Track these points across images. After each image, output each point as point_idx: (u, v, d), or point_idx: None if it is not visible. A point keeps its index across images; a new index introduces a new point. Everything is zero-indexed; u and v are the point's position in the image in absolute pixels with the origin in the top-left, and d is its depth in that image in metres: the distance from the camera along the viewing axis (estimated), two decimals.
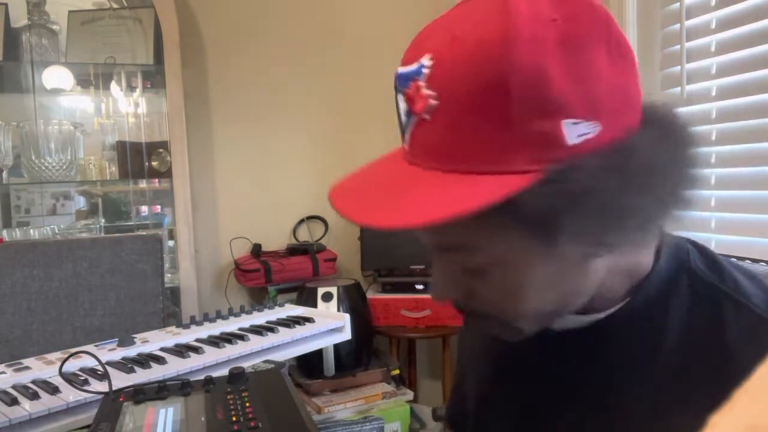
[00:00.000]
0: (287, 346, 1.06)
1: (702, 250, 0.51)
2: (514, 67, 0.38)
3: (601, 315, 0.50)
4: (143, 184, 2.18)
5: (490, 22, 0.39)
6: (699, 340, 0.45)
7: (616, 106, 0.40)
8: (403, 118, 0.44)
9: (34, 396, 0.80)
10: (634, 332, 0.49)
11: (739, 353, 0.43)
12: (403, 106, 0.43)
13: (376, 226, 0.40)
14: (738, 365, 0.41)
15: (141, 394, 0.75)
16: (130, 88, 2.13)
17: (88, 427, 0.74)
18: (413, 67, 0.42)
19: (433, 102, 0.41)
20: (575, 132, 0.39)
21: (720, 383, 0.42)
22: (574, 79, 0.38)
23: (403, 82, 0.43)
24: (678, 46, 1.36)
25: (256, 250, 2.25)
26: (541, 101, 0.38)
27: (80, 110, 2.17)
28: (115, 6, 2.05)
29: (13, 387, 0.85)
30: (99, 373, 0.89)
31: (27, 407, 0.77)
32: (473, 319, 0.51)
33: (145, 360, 0.95)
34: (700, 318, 0.46)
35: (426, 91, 0.41)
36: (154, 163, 2.09)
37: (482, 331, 0.63)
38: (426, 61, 0.41)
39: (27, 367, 0.94)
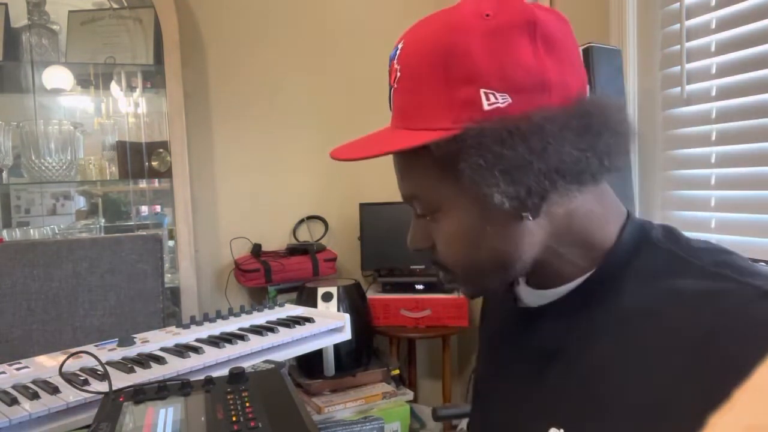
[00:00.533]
0: (287, 346, 1.06)
1: (667, 228, 0.55)
2: (450, 46, 0.50)
3: (570, 286, 0.56)
4: (143, 184, 2.18)
5: (443, 16, 0.53)
6: (653, 300, 0.49)
7: (530, 87, 0.49)
8: (389, 89, 0.57)
9: (34, 396, 0.80)
10: (598, 299, 0.54)
11: (691, 303, 0.46)
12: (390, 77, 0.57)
13: (338, 158, 0.56)
14: (691, 314, 0.45)
15: (141, 394, 0.75)
16: (130, 88, 2.13)
17: (88, 427, 0.74)
18: (393, 50, 0.56)
19: (398, 74, 0.55)
20: (489, 100, 0.49)
21: (674, 332, 0.46)
22: (493, 58, 0.49)
23: (389, 62, 0.57)
24: (678, 46, 1.36)
25: (256, 250, 2.25)
26: (465, 72, 0.50)
27: (80, 110, 2.17)
28: (115, 6, 2.05)
29: (13, 387, 0.85)
30: (99, 373, 0.89)
31: (27, 407, 0.77)
32: (439, 270, 0.60)
33: (145, 360, 0.95)
34: (655, 281, 0.51)
35: (396, 66, 0.55)
36: (154, 163, 2.09)
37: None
38: (400, 45, 0.56)
39: (27, 367, 0.94)
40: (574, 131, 0.49)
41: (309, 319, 1.16)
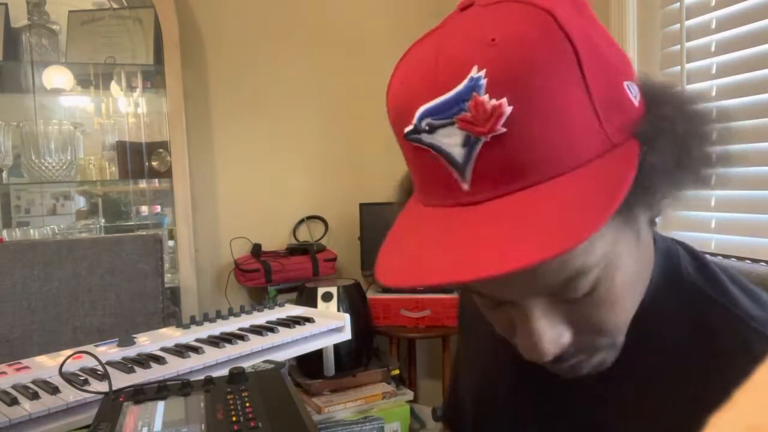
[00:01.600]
0: (287, 346, 1.06)
1: (692, 253, 0.50)
2: (574, 39, 0.37)
3: None
4: (143, 184, 2.18)
5: (519, 15, 0.37)
6: (690, 348, 0.44)
7: (629, 70, 0.41)
8: (457, 153, 0.38)
9: (34, 396, 0.80)
10: (627, 340, 0.47)
11: (730, 362, 0.42)
12: (454, 140, 0.37)
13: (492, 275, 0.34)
14: (729, 374, 0.40)
15: (141, 394, 0.75)
16: (130, 88, 2.13)
17: (88, 427, 0.74)
18: (457, 89, 0.37)
19: (507, 109, 0.36)
20: (632, 92, 0.39)
21: (709, 392, 0.41)
22: (607, 42, 0.39)
23: (447, 112, 0.37)
24: (678, 46, 1.36)
25: (256, 250, 2.25)
26: (604, 65, 0.38)
27: (80, 110, 2.17)
28: (115, 6, 2.05)
29: (13, 387, 0.85)
30: (99, 373, 0.89)
31: (27, 407, 0.77)
32: (574, 361, 0.44)
33: (145, 360, 0.95)
34: (688, 324, 0.45)
35: (494, 102, 0.36)
36: (154, 163, 2.09)
37: (484, 338, 0.62)
38: (474, 73, 0.36)
39: (27, 367, 0.94)
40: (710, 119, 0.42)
41: (309, 319, 1.16)
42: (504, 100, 0.36)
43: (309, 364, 1.88)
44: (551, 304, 0.41)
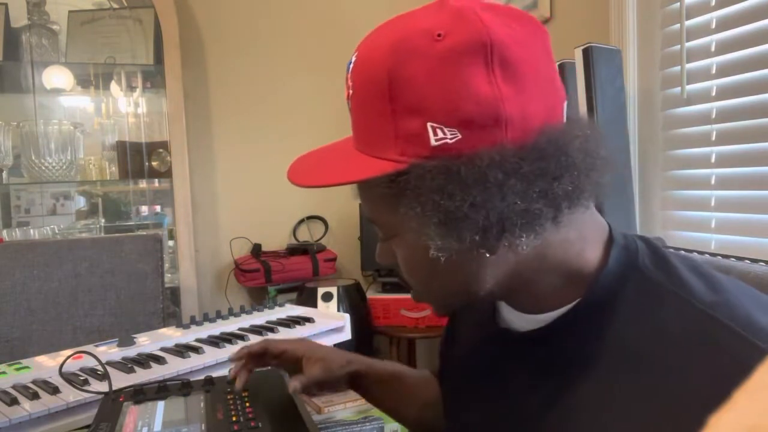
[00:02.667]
0: None
1: (652, 248, 0.51)
2: (395, 72, 0.45)
3: (553, 314, 0.51)
4: (143, 184, 2.18)
5: (393, 32, 0.48)
6: (641, 340, 0.46)
7: (482, 121, 0.44)
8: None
9: (34, 396, 0.80)
10: (581, 334, 0.49)
11: (678, 346, 0.43)
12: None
13: (293, 181, 0.53)
14: (679, 359, 0.42)
15: (141, 394, 0.75)
16: (130, 88, 2.13)
17: (88, 427, 0.74)
18: (349, 60, 0.52)
19: (350, 91, 0.51)
20: (437, 135, 0.44)
21: (660, 379, 0.43)
22: (441, 89, 0.44)
23: (345, 73, 0.52)
24: (678, 46, 1.36)
25: (256, 250, 2.25)
26: (411, 102, 0.45)
27: (80, 110, 2.17)
28: (115, 6, 2.05)
29: (13, 387, 0.85)
30: (99, 373, 0.89)
31: (27, 407, 0.77)
32: (405, 285, 0.56)
33: (145, 360, 0.95)
34: (644, 316, 0.47)
35: (349, 81, 0.51)
36: (154, 163, 2.09)
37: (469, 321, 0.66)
38: (354, 57, 0.51)
39: (27, 367, 0.94)
40: (524, 178, 0.43)
41: (309, 319, 1.16)
42: (351, 84, 0.51)
43: None
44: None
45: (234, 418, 0.67)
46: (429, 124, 0.44)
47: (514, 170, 0.43)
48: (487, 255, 0.46)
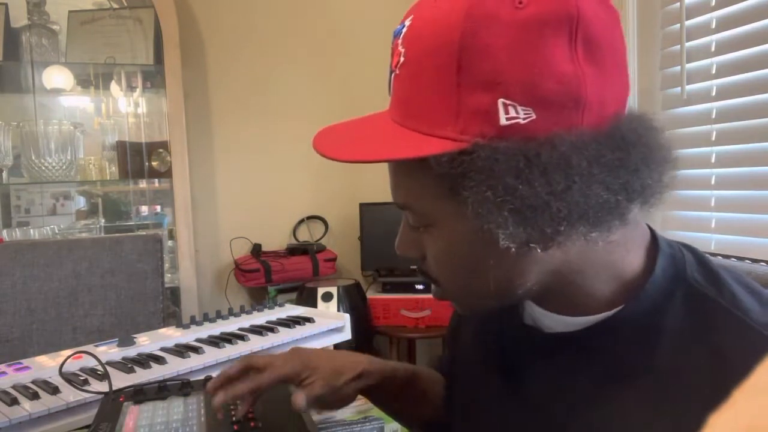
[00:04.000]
0: (287, 346, 1.06)
1: (698, 258, 0.49)
2: (467, 39, 0.41)
3: (591, 319, 0.48)
4: (143, 184, 2.18)
5: None
6: (694, 355, 0.43)
7: (561, 101, 0.40)
8: (389, 71, 0.48)
9: (34, 396, 0.80)
10: (625, 343, 0.47)
11: (737, 369, 0.41)
12: (393, 62, 0.48)
13: (324, 154, 0.48)
14: (729, 375, 0.40)
15: (141, 394, 0.75)
16: (130, 88, 2.13)
17: (88, 427, 0.74)
18: (399, 26, 0.46)
19: (402, 59, 0.45)
20: (508, 113, 0.40)
21: (713, 402, 0.41)
22: (519, 62, 0.40)
23: (393, 39, 0.47)
24: (678, 46, 1.36)
25: (256, 250, 2.25)
26: (483, 74, 0.41)
27: (80, 110, 2.17)
28: (115, 6, 2.05)
29: (13, 387, 0.85)
30: (99, 373, 0.89)
31: (27, 407, 0.77)
32: (428, 280, 0.53)
33: (145, 360, 0.95)
34: (695, 332, 0.44)
35: (400, 48, 0.45)
36: (154, 163, 2.09)
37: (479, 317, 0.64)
38: (408, 21, 0.46)
39: (27, 367, 0.94)
40: (607, 167, 0.41)
41: (309, 319, 1.16)
42: (403, 50, 0.45)
43: None
44: (405, 221, 0.52)
45: (234, 418, 0.67)
46: (501, 101, 0.40)
47: (596, 158, 0.40)
48: (538, 250, 0.43)
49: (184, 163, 2.00)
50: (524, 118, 0.40)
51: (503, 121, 0.40)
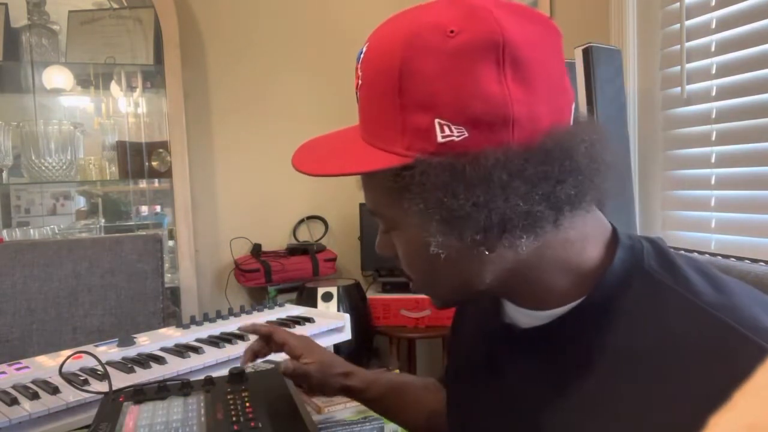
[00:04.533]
0: None
1: (657, 249, 0.51)
2: (405, 66, 0.45)
3: (556, 311, 0.51)
4: (143, 184, 2.18)
5: (405, 25, 0.47)
6: (647, 335, 0.46)
7: (490, 120, 0.44)
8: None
9: (34, 396, 0.80)
10: (585, 331, 0.49)
11: (685, 348, 0.43)
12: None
13: (298, 168, 0.53)
14: (684, 360, 0.42)
15: (141, 394, 0.75)
16: (130, 88, 2.13)
17: (88, 427, 0.74)
18: (359, 51, 0.51)
19: (360, 81, 0.51)
20: (444, 132, 0.44)
21: (663, 379, 0.42)
22: (451, 85, 0.44)
23: (356, 63, 0.52)
24: (678, 46, 1.36)
25: (256, 250, 2.25)
26: (420, 97, 0.45)
27: (80, 110, 2.17)
28: (115, 6, 2.05)
29: (13, 387, 0.85)
30: (99, 373, 0.89)
31: (27, 407, 0.77)
32: (406, 277, 0.57)
33: (145, 360, 0.95)
34: (648, 314, 0.47)
35: (359, 71, 0.51)
36: (154, 163, 2.09)
37: (473, 316, 0.67)
38: (365, 47, 0.51)
39: (27, 367, 0.94)
40: (528, 180, 0.44)
41: (309, 319, 1.16)
42: (360, 74, 0.50)
43: None
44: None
45: (234, 418, 0.67)
46: (437, 121, 0.44)
47: (519, 172, 0.44)
48: (486, 253, 0.47)
49: (184, 163, 2.00)
50: (458, 136, 0.44)
51: (440, 139, 0.45)
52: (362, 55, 0.51)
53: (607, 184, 0.48)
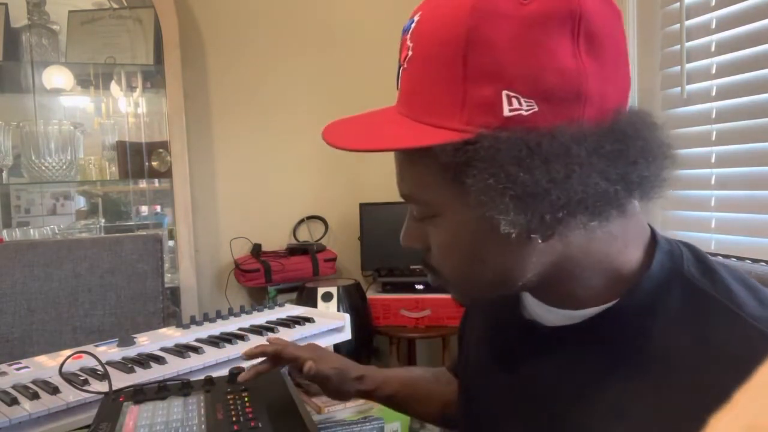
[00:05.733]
0: None
1: (697, 255, 0.49)
2: (472, 34, 0.42)
3: (588, 312, 0.50)
4: (143, 184, 2.18)
5: None
6: (682, 343, 0.44)
7: (563, 95, 0.42)
8: (398, 66, 0.50)
9: (34, 396, 0.80)
10: (620, 334, 0.48)
11: (729, 362, 0.41)
12: (401, 56, 0.50)
13: (333, 144, 0.48)
14: (725, 372, 0.41)
15: (141, 394, 0.75)
16: (130, 88, 2.13)
17: (88, 427, 0.74)
18: (408, 22, 0.48)
19: (410, 53, 0.47)
20: (511, 105, 0.42)
21: (699, 388, 0.41)
22: (523, 56, 0.41)
23: (402, 35, 0.49)
24: (678, 46, 1.36)
25: (256, 250, 2.25)
26: (488, 67, 0.42)
27: (80, 110, 2.17)
28: (115, 6, 2.05)
29: (13, 387, 0.85)
30: (99, 373, 0.89)
31: (27, 407, 0.77)
32: (430, 273, 0.54)
33: (145, 360, 0.95)
34: (686, 321, 0.45)
35: (408, 43, 0.47)
36: (154, 163, 2.09)
37: (484, 312, 0.66)
38: (416, 17, 0.48)
39: (27, 367, 0.94)
40: (605, 157, 0.42)
41: (309, 319, 1.16)
42: (411, 45, 0.47)
43: None
44: (410, 213, 0.54)
45: (234, 418, 0.67)
46: (505, 93, 0.42)
47: (596, 149, 0.42)
48: (539, 241, 0.45)
49: (184, 163, 2.00)
50: (527, 110, 0.42)
51: (507, 113, 0.42)
52: (414, 26, 0.47)
53: (671, 172, 0.47)
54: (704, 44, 1.31)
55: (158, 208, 2.23)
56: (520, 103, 0.42)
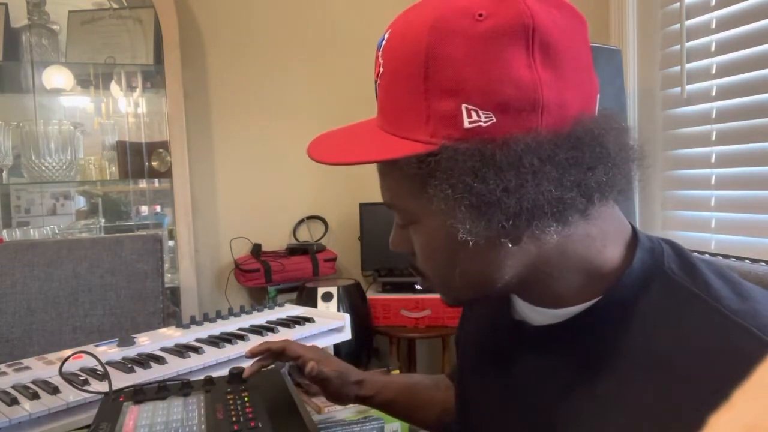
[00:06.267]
0: None
1: (678, 251, 0.50)
2: (432, 50, 0.44)
3: (572, 310, 0.51)
4: (143, 184, 2.18)
5: (432, 10, 0.46)
6: (662, 336, 0.45)
7: (519, 105, 0.43)
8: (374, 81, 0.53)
9: (34, 396, 0.80)
10: (602, 331, 0.49)
11: (706, 354, 0.42)
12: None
13: (314, 158, 0.51)
14: (702, 364, 0.42)
15: (141, 394, 0.75)
16: (130, 88, 2.13)
17: (88, 427, 0.74)
18: (380, 38, 0.50)
19: (381, 69, 0.50)
20: (471, 117, 0.44)
21: (679, 382, 0.42)
22: (479, 70, 0.43)
23: (376, 51, 0.51)
24: (678, 46, 1.36)
25: (256, 250, 2.25)
26: (447, 82, 0.44)
27: (80, 110, 2.17)
28: (115, 6, 2.05)
29: (13, 387, 0.85)
30: (99, 373, 0.89)
31: (27, 407, 0.77)
32: (417, 275, 0.56)
33: (145, 360, 0.95)
34: (665, 316, 0.46)
35: (380, 59, 0.50)
36: (154, 163, 2.09)
37: (480, 312, 0.67)
38: (387, 34, 0.50)
39: (27, 367, 0.94)
40: (559, 166, 0.43)
41: (309, 319, 1.16)
42: (382, 62, 0.49)
43: None
44: (396, 219, 0.56)
45: (234, 418, 0.67)
46: (464, 106, 0.44)
47: (550, 157, 0.43)
48: (510, 245, 0.46)
49: (184, 163, 2.00)
50: (486, 122, 0.44)
51: (467, 125, 0.44)
52: (384, 43, 0.49)
53: (634, 174, 0.48)
54: (704, 44, 1.31)
55: (158, 208, 2.23)
56: (478, 116, 0.44)
